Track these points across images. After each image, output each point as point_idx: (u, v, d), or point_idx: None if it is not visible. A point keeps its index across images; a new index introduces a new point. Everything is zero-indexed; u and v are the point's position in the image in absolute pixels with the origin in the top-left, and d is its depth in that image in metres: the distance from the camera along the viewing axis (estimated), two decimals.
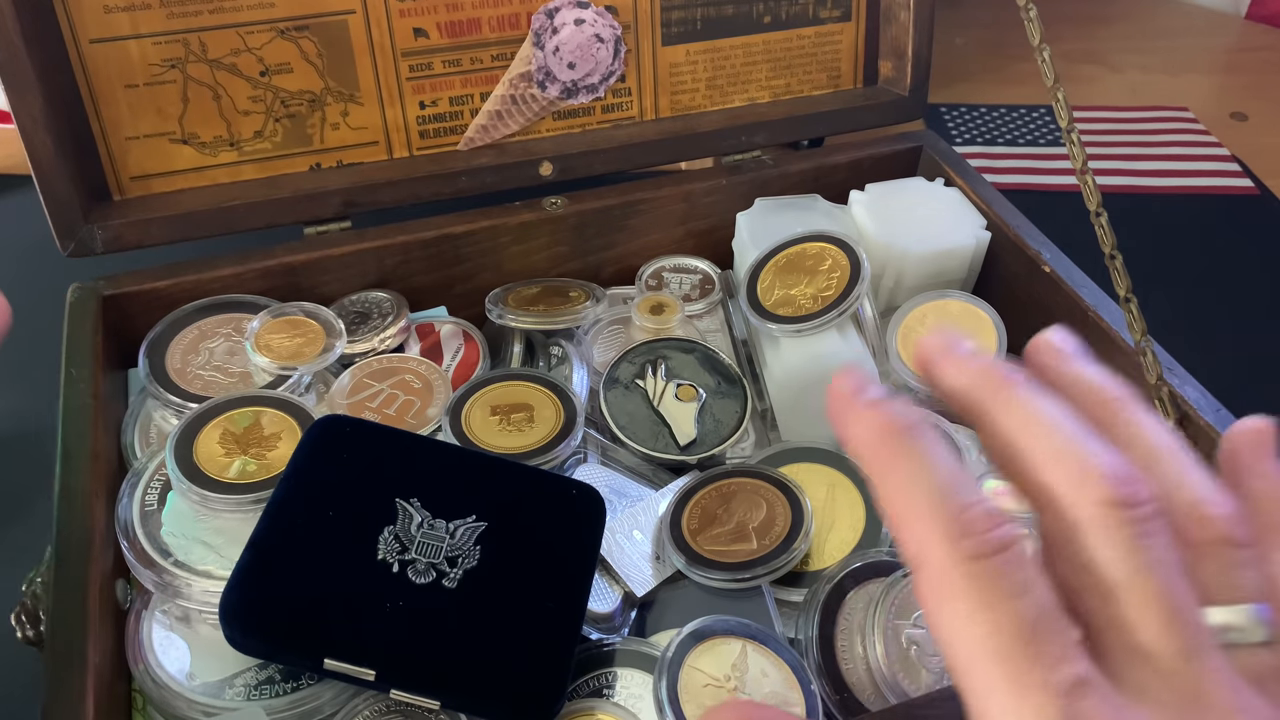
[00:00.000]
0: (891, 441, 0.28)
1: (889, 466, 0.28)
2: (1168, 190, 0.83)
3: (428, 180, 0.58)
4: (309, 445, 0.43)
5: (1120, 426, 0.29)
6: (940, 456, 0.28)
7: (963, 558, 0.26)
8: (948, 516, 0.26)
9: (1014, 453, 0.28)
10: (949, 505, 0.26)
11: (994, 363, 0.30)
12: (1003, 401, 0.29)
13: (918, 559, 0.27)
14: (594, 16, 0.60)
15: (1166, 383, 0.47)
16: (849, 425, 0.30)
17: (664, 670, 0.39)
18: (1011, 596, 0.25)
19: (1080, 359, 0.31)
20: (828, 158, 0.64)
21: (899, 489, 0.27)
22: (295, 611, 0.38)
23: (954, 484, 0.27)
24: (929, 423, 0.29)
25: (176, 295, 0.54)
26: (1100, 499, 0.26)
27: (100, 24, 0.52)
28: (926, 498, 0.27)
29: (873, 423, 0.29)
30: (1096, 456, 0.27)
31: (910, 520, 0.27)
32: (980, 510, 0.26)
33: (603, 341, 0.57)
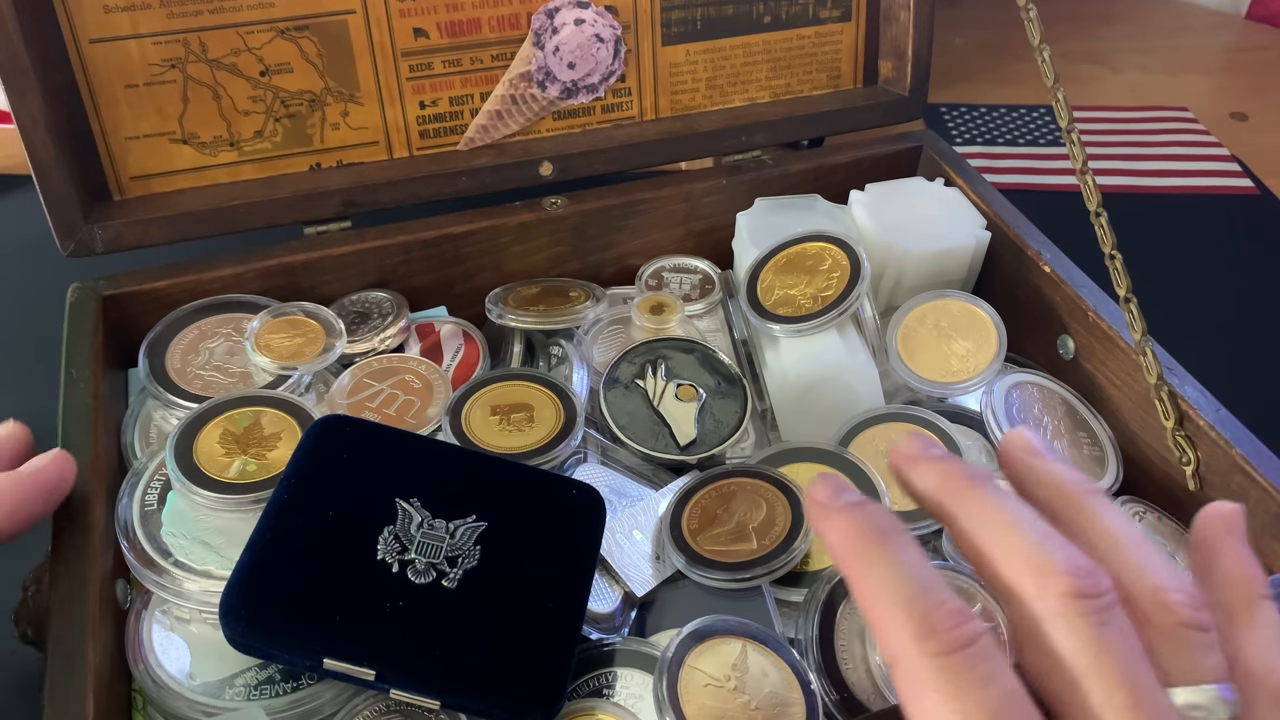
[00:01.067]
0: (863, 546, 0.30)
1: (862, 571, 0.30)
2: (1168, 190, 0.83)
3: (428, 180, 0.58)
4: (309, 445, 0.43)
5: (1086, 518, 0.32)
6: (909, 559, 0.30)
7: (930, 654, 0.28)
8: (916, 617, 0.28)
9: (979, 551, 0.31)
10: (916, 607, 0.28)
11: (959, 466, 0.33)
12: (965, 504, 0.32)
13: (892, 657, 0.29)
14: (594, 16, 0.60)
15: (1166, 383, 0.47)
16: (825, 530, 0.32)
17: (664, 670, 0.39)
18: (978, 686, 0.27)
19: (1045, 455, 0.34)
20: (828, 158, 0.64)
21: (871, 592, 0.29)
22: (295, 611, 0.38)
23: (922, 586, 0.29)
24: (904, 530, 0.31)
25: (176, 295, 0.54)
26: (1061, 592, 0.28)
27: (100, 24, 0.52)
28: (896, 600, 0.29)
29: (847, 528, 0.31)
30: (1055, 552, 0.29)
31: (883, 621, 0.29)
32: (946, 610, 0.28)
33: (603, 341, 0.57)
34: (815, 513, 0.33)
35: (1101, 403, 0.53)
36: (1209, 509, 0.34)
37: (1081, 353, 0.54)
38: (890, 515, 0.31)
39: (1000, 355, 0.53)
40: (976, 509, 0.31)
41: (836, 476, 0.33)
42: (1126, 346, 0.50)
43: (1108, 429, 0.52)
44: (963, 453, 0.49)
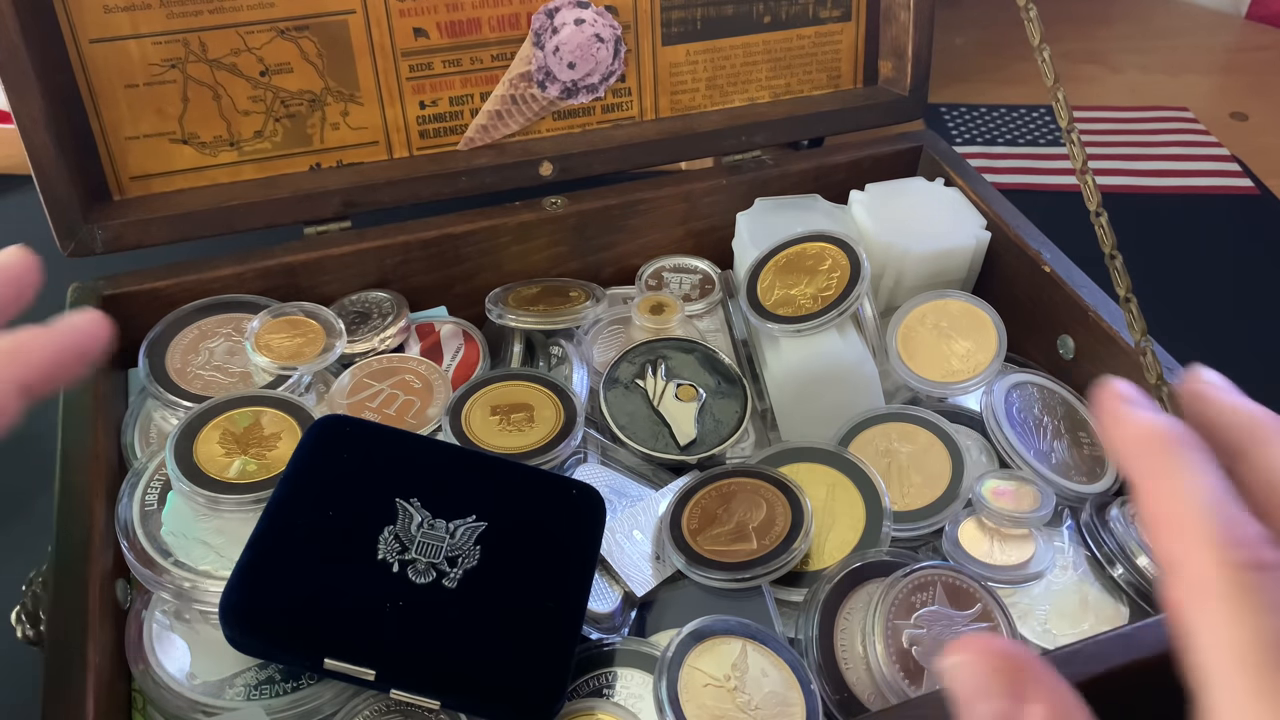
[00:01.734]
0: (1165, 448, 0.29)
1: (1161, 470, 0.28)
2: (1168, 190, 0.83)
3: (428, 180, 0.58)
4: (309, 445, 0.43)
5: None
6: (1214, 475, 0.28)
7: (1230, 562, 0.26)
8: (1225, 525, 0.27)
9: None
10: (1224, 514, 0.27)
11: (1260, 407, 0.32)
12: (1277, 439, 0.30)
13: (1178, 560, 0.27)
14: (594, 16, 0.60)
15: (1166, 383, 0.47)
16: (1116, 431, 0.30)
17: (664, 670, 0.39)
18: (1271, 611, 0.25)
19: (1238, 393, 0.33)
20: (828, 158, 0.64)
21: (1169, 494, 0.28)
22: (295, 611, 0.38)
23: (1229, 499, 0.27)
24: (1204, 445, 0.29)
25: (176, 295, 0.54)
26: None
27: (100, 24, 0.52)
28: (1200, 504, 0.27)
29: (1149, 426, 0.29)
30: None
31: (1177, 522, 0.27)
32: (1254, 528, 0.27)
33: (603, 341, 0.57)
34: (1107, 409, 0.30)
35: None
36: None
37: (1081, 353, 0.54)
38: (1191, 434, 0.30)
39: (1000, 355, 0.53)
40: None
41: (1126, 381, 0.31)
42: (1126, 346, 0.50)
43: None
44: (962, 454, 0.49)
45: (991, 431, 0.50)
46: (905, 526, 0.47)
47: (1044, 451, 0.50)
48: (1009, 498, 0.46)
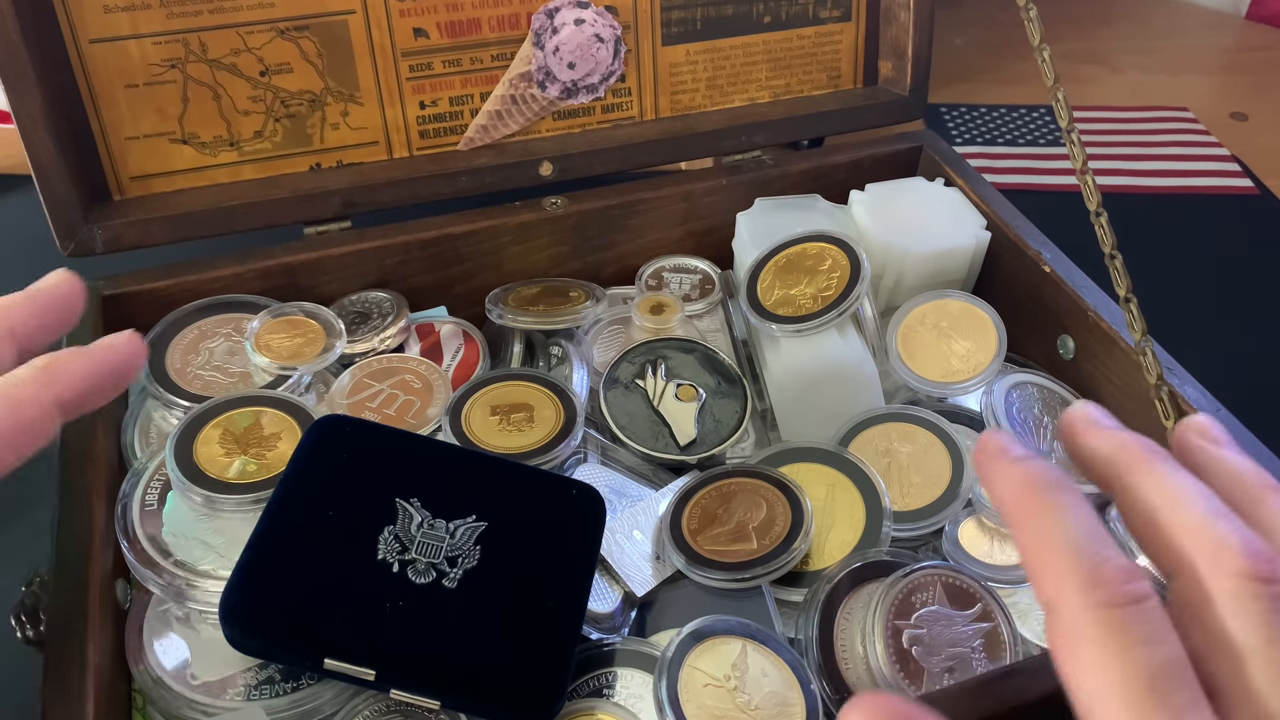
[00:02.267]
0: (1035, 494, 0.30)
1: (1030, 517, 0.30)
2: (1168, 190, 0.83)
3: (428, 180, 0.58)
4: (309, 445, 0.43)
5: (1265, 513, 0.31)
6: (1081, 512, 0.30)
7: (1097, 605, 0.27)
8: (1085, 566, 0.28)
9: (1153, 520, 0.30)
10: (1085, 555, 0.28)
11: (1136, 437, 0.33)
12: (1145, 472, 0.31)
13: (1052, 604, 0.28)
14: (594, 16, 0.60)
15: (1166, 383, 0.47)
16: (995, 478, 0.32)
17: (664, 670, 0.39)
18: (1143, 644, 0.27)
19: (1227, 444, 0.34)
20: (828, 158, 0.64)
21: (1039, 538, 0.29)
22: (295, 611, 0.38)
23: (1093, 538, 0.29)
24: (1072, 483, 0.31)
25: (176, 295, 0.54)
26: (1237, 571, 0.28)
27: (100, 24, 0.52)
28: (1065, 548, 0.28)
29: (1018, 476, 0.31)
30: (1234, 532, 0.29)
31: (1048, 568, 0.29)
32: (1116, 564, 0.28)
33: (603, 341, 0.57)
34: (985, 462, 0.32)
35: (1101, 403, 0.52)
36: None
37: (1081, 353, 0.54)
38: (1061, 471, 0.31)
39: (1000, 355, 0.53)
40: (1153, 479, 0.31)
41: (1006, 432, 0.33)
42: (1126, 346, 0.50)
43: None
44: (962, 454, 0.49)
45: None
46: (905, 526, 0.47)
47: (1044, 452, 0.50)
48: None
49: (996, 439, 0.33)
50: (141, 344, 0.39)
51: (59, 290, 0.39)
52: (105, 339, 0.38)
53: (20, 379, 0.35)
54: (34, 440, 0.34)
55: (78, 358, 0.37)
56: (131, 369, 0.38)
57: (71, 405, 0.36)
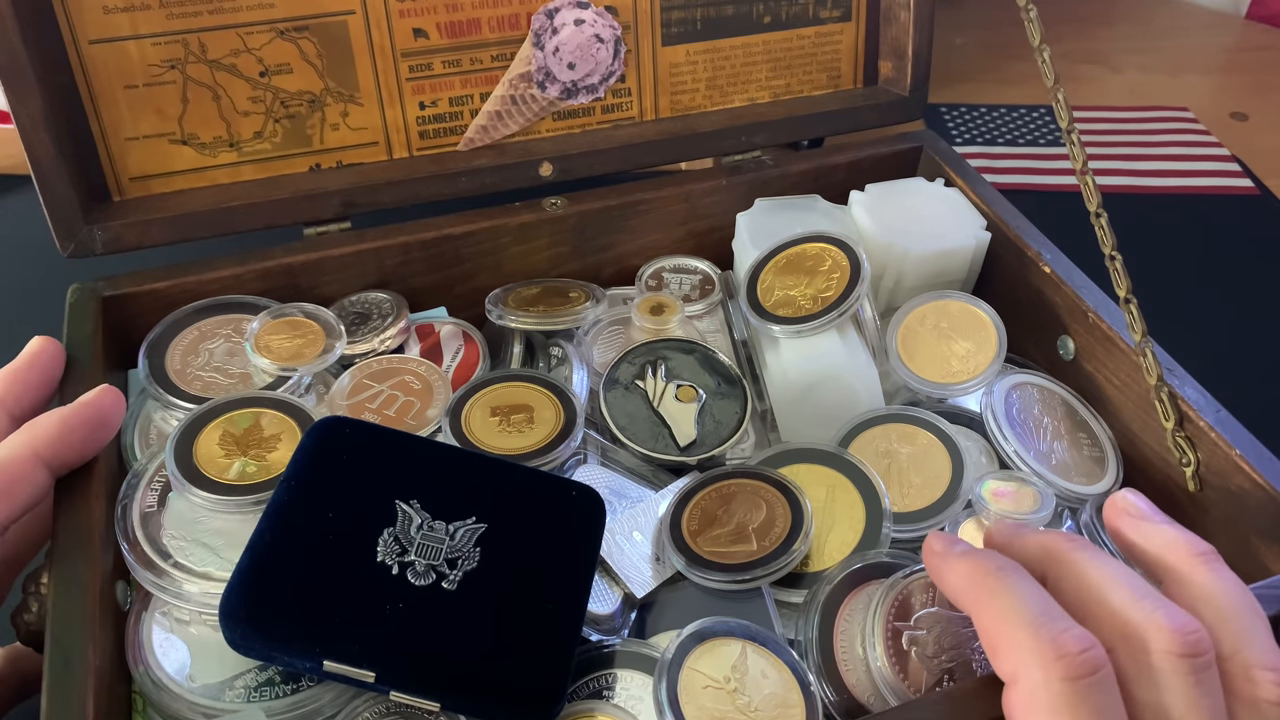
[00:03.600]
0: (987, 580, 0.33)
1: (986, 599, 0.33)
2: (1168, 190, 0.83)
3: (428, 180, 0.58)
4: (309, 446, 0.43)
5: (1195, 582, 0.34)
6: (1032, 590, 0.33)
7: (1057, 678, 0.30)
8: (1045, 640, 0.30)
9: (1086, 607, 0.33)
10: (1044, 629, 0.31)
11: (1056, 533, 0.36)
12: (1070, 563, 0.34)
13: (1013, 676, 0.31)
14: (594, 17, 0.60)
15: (1166, 383, 0.47)
16: (945, 573, 0.35)
17: (664, 672, 0.39)
18: (1096, 715, 0.30)
19: (1154, 517, 0.37)
20: (828, 158, 0.64)
21: (997, 617, 0.32)
22: (295, 613, 0.38)
23: (1047, 612, 0.31)
24: (1019, 567, 0.34)
25: (176, 296, 0.54)
26: (1164, 648, 0.31)
27: (100, 24, 0.52)
28: (1023, 623, 0.31)
29: (968, 566, 0.34)
30: (1160, 609, 0.32)
31: (1008, 643, 0.31)
32: (1073, 634, 0.31)
33: (603, 342, 0.57)
34: (933, 562, 0.36)
35: (1101, 403, 0.53)
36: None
37: (1081, 353, 0.54)
38: (1007, 558, 0.34)
39: (1000, 356, 0.53)
40: (1081, 566, 0.34)
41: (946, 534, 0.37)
42: (1126, 347, 0.50)
43: (1108, 430, 0.52)
44: (962, 455, 0.49)
45: (991, 432, 0.50)
46: (905, 528, 0.47)
47: (1044, 452, 0.50)
48: (1009, 499, 0.46)
49: (939, 540, 0.36)
50: (119, 397, 0.43)
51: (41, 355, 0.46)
52: (85, 395, 0.42)
53: (2, 439, 0.39)
54: (21, 493, 0.39)
55: (54, 414, 0.41)
56: (110, 420, 0.42)
57: (55, 459, 0.40)
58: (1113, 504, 0.38)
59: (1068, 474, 0.49)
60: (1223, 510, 0.46)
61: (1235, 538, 0.45)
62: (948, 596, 0.36)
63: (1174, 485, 0.48)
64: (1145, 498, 0.38)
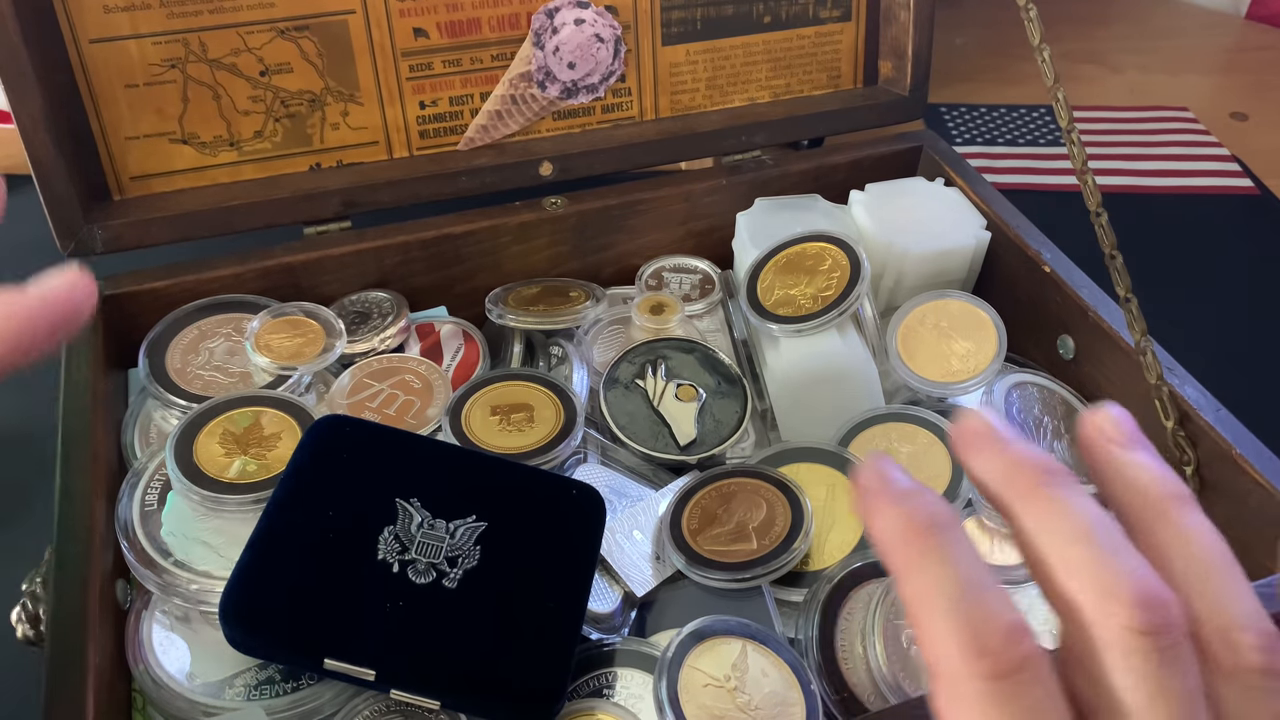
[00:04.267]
0: (916, 540, 0.27)
1: (912, 568, 0.27)
2: (1168, 190, 0.83)
3: (428, 180, 0.58)
4: (309, 445, 0.43)
5: (1168, 530, 0.28)
6: (965, 560, 0.27)
7: (979, 675, 0.25)
8: (968, 631, 0.26)
9: (1039, 559, 0.27)
10: (968, 618, 0.26)
11: (1031, 455, 0.29)
12: (1034, 501, 0.28)
13: (934, 666, 0.26)
14: (594, 16, 0.60)
15: (1166, 383, 0.47)
16: (873, 520, 0.28)
17: (664, 670, 0.39)
18: (1028, 715, 0.25)
19: (1137, 447, 0.30)
20: (828, 158, 0.64)
21: (920, 593, 0.27)
22: (295, 611, 0.38)
23: (977, 594, 0.26)
24: (959, 524, 0.28)
25: (176, 295, 0.54)
26: (1125, 624, 0.26)
27: (100, 24, 0.52)
28: (946, 607, 0.26)
29: (894, 519, 0.28)
30: (1124, 575, 0.26)
31: (929, 629, 0.26)
32: (1000, 624, 0.26)
33: (603, 341, 0.57)
34: (865, 500, 0.29)
35: None
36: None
37: (1081, 353, 0.54)
38: (945, 505, 0.28)
39: (1000, 355, 0.53)
40: (1041, 510, 0.28)
41: (887, 457, 0.29)
42: (1126, 346, 0.50)
43: None
44: None
45: None
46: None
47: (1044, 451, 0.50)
48: None
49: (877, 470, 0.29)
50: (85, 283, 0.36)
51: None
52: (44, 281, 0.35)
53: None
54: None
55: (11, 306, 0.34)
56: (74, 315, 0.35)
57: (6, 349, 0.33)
58: (1091, 421, 0.31)
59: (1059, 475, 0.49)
60: (1223, 510, 0.46)
61: (1235, 537, 0.44)
62: (870, 541, 0.30)
63: None
64: (1130, 417, 0.31)
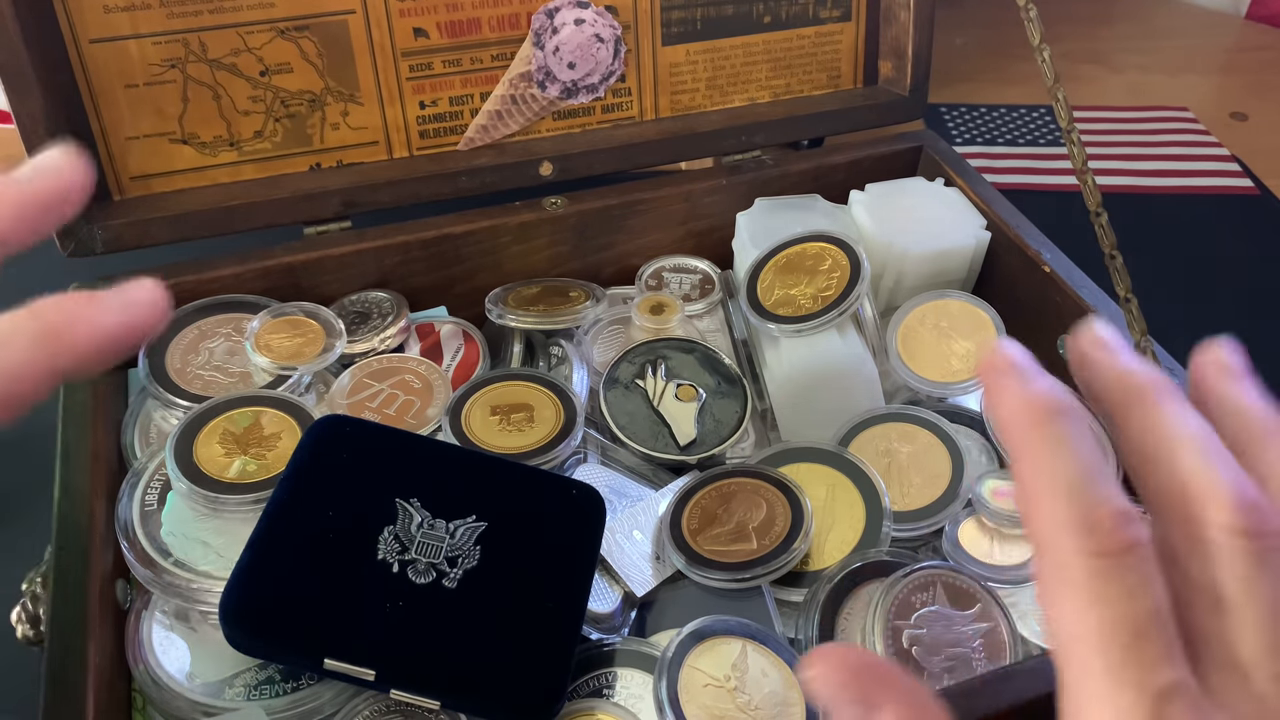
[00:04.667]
0: (1038, 422, 0.28)
1: (1031, 447, 0.28)
2: (1168, 190, 0.83)
3: (428, 180, 0.58)
4: (309, 445, 0.43)
5: (1270, 456, 0.30)
6: (1084, 446, 0.28)
7: (1085, 551, 0.26)
8: (1080, 508, 0.27)
9: (1145, 460, 0.29)
10: (1083, 497, 0.27)
11: (1143, 365, 0.31)
12: (1150, 405, 0.30)
13: (1042, 544, 0.27)
14: (594, 16, 0.60)
15: None
16: (998, 400, 0.30)
17: (664, 670, 0.39)
18: (1126, 597, 0.26)
19: (1244, 381, 0.32)
20: (828, 158, 0.64)
21: (1036, 472, 0.28)
22: (295, 611, 0.38)
23: (1091, 476, 0.27)
24: (1080, 411, 0.29)
25: (176, 295, 0.54)
26: (1224, 524, 0.27)
27: (100, 24, 0.52)
28: (1062, 486, 0.27)
29: (1023, 399, 0.29)
30: (1230, 481, 0.27)
31: (1041, 504, 0.27)
32: (1112, 507, 0.27)
33: (603, 341, 0.57)
34: (990, 380, 0.30)
35: None
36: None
37: None
38: (1069, 393, 0.29)
39: None
40: (1151, 416, 0.29)
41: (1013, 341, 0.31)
42: None
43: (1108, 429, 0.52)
44: (962, 454, 0.49)
45: (991, 432, 0.50)
46: (905, 527, 0.47)
47: None
48: (1009, 498, 0.46)
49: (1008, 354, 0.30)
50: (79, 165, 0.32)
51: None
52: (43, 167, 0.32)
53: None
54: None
55: None
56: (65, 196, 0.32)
57: None
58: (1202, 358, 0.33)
59: None
60: None
61: None
62: (992, 423, 0.32)
63: None
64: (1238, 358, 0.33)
